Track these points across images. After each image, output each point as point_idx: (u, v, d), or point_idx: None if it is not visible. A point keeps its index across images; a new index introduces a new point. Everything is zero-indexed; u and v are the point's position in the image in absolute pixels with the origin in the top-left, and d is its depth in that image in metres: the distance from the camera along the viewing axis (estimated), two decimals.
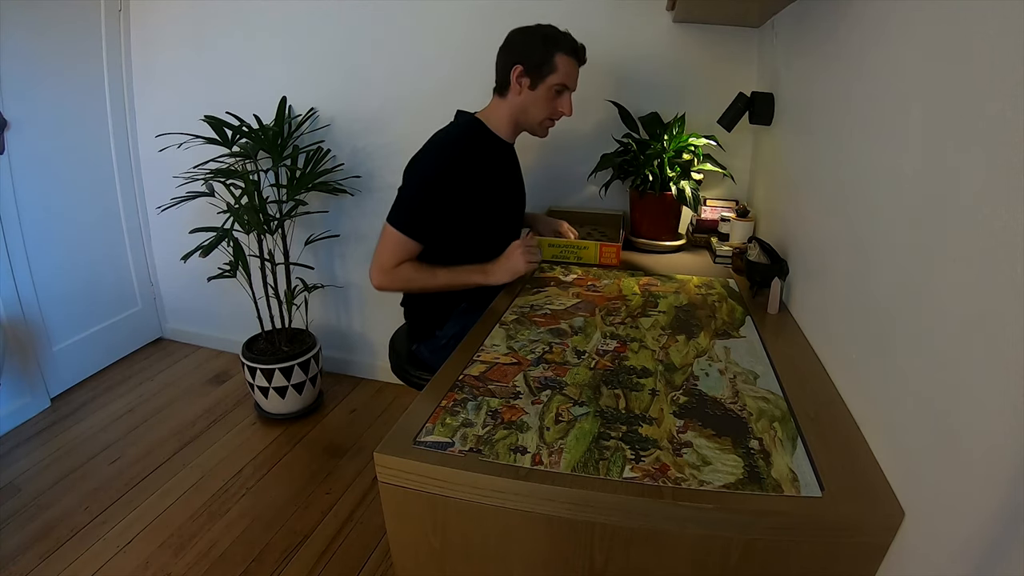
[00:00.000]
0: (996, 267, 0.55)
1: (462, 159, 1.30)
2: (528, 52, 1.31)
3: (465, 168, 1.30)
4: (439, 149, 1.31)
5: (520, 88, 1.33)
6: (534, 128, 1.40)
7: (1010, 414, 0.51)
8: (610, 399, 0.88)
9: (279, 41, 2.07)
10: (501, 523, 0.74)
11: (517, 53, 1.32)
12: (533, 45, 1.31)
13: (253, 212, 1.87)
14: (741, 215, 1.61)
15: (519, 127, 1.41)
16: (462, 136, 1.35)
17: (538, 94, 1.33)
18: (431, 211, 1.28)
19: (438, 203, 1.28)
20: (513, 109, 1.36)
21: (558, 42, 1.31)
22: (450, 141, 1.33)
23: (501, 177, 1.43)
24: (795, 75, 1.33)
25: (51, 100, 2.10)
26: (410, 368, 1.45)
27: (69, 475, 1.78)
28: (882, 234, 0.81)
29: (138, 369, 2.45)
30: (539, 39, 1.31)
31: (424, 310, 1.45)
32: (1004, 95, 0.55)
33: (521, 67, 1.31)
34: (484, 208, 1.36)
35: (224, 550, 1.52)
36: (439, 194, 1.28)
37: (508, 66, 1.33)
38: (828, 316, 1.02)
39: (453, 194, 1.28)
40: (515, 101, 1.35)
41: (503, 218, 1.47)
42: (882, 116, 0.85)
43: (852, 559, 0.68)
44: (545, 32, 1.32)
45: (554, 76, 1.31)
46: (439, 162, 1.30)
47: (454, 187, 1.28)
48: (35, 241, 2.08)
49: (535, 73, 1.31)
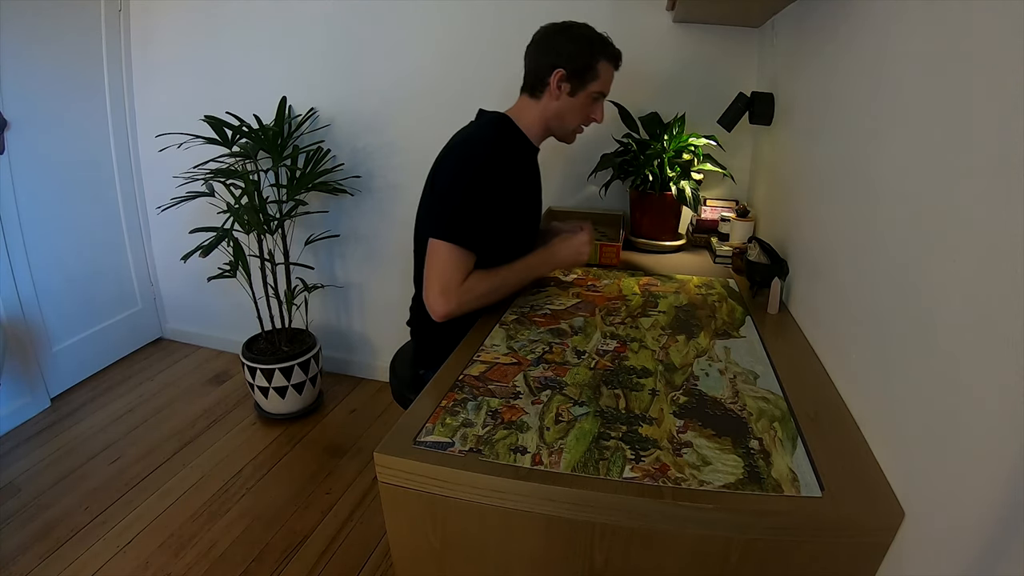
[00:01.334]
0: (996, 267, 0.55)
1: (499, 158, 1.21)
2: (572, 56, 1.22)
3: (502, 168, 1.21)
4: (475, 149, 1.22)
5: (559, 93, 1.25)
6: (565, 135, 1.33)
7: (1010, 414, 0.51)
8: (610, 399, 0.88)
9: (279, 41, 2.07)
10: (501, 523, 0.74)
11: (560, 55, 1.23)
12: (578, 49, 1.22)
13: (253, 212, 1.87)
14: (741, 215, 1.61)
15: (549, 132, 1.33)
16: (497, 136, 1.26)
17: (577, 101, 1.26)
18: (480, 216, 1.17)
19: (483, 207, 1.17)
20: (547, 113, 1.28)
21: (603, 47, 1.24)
22: (483, 139, 1.24)
23: (529, 180, 1.35)
24: (795, 75, 1.33)
25: (51, 100, 2.10)
26: (411, 394, 1.29)
27: (69, 475, 1.78)
28: (882, 234, 0.81)
29: (138, 369, 2.45)
30: (585, 43, 1.23)
31: (436, 335, 1.29)
32: (1004, 95, 0.55)
33: (563, 71, 1.22)
34: (513, 212, 1.28)
35: (224, 550, 1.52)
36: (482, 197, 1.17)
37: (547, 68, 1.24)
38: (828, 316, 1.02)
39: (492, 196, 1.19)
40: (550, 105, 1.27)
41: (527, 222, 1.38)
42: (882, 115, 0.85)
43: (852, 559, 0.68)
44: (590, 36, 1.24)
45: (596, 84, 1.25)
46: (477, 162, 1.19)
47: (493, 188, 1.19)
48: (35, 241, 2.08)
49: (577, 79, 1.23)
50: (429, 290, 1.16)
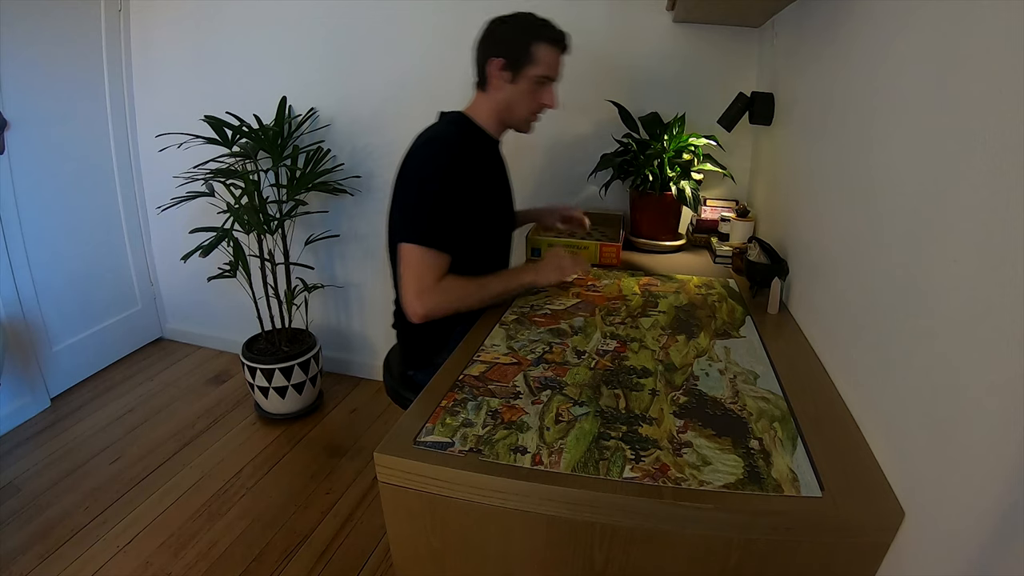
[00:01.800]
0: (996, 267, 0.55)
1: (460, 157, 1.22)
2: (506, 43, 1.22)
3: (465, 166, 1.21)
4: (434, 149, 1.22)
5: (501, 83, 1.25)
6: (518, 124, 1.32)
7: (1010, 414, 0.51)
8: (610, 399, 0.88)
9: (279, 41, 2.07)
10: (501, 523, 0.74)
11: (497, 45, 1.23)
12: (511, 35, 1.22)
13: (253, 212, 1.87)
14: (741, 215, 1.61)
15: (503, 123, 1.32)
16: (455, 134, 1.27)
17: (520, 87, 1.25)
18: (448, 216, 1.18)
19: (450, 206, 1.18)
20: (496, 104, 1.28)
21: (537, 31, 1.22)
22: (444, 139, 1.24)
23: (493, 175, 1.36)
24: (795, 75, 1.33)
25: (51, 100, 2.10)
26: (404, 391, 1.36)
27: (69, 475, 1.79)
28: (882, 234, 0.81)
29: (138, 369, 2.45)
30: (520, 29, 1.22)
31: (421, 337, 1.33)
32: (1004, 94, 0.55)
33: (501, 60, 1.22)
34: (481, 208, 1.27)
35: (224, 550, 1.52)
36: (449, 196, 1.18)
37: (486, 59, 1.25)
38: (828, 316, 1.02)
39: (457, 195, 1.19)
40: (497, 96, 1.27)
41: (497, 218, 1.39)
42: (882, 116, 0.85)
43: (852, 559, 0.68)
44: (523, 20, 1.23)
45: (535, 67, 1.22)
46: (438, 163, 1.20)
47: (459, 187, 1.19)
48: (35, 241, 2.08)
49: (515, 66, 1.23)
50: (405, 294, 1.16)
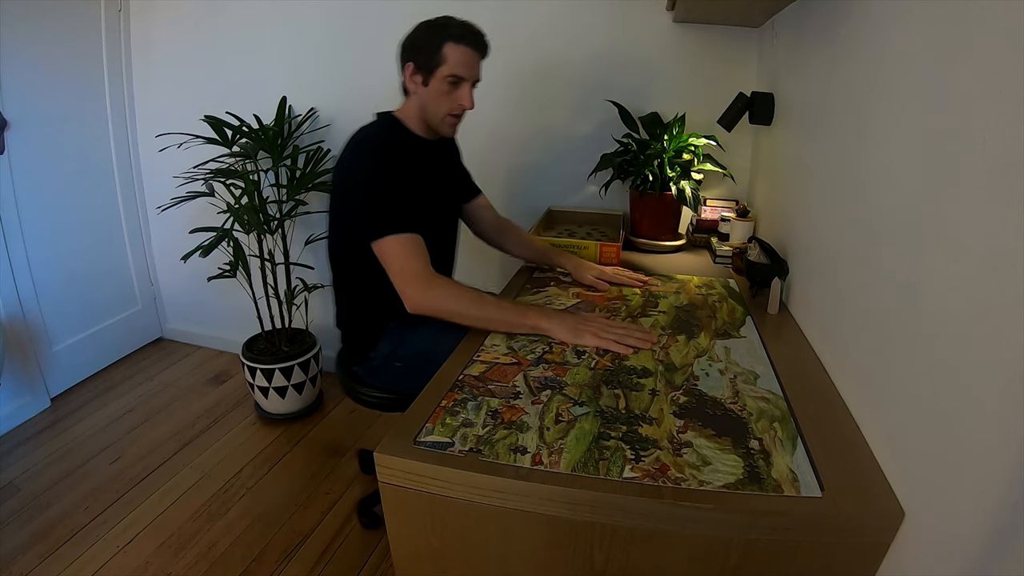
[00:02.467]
0: (996, 267, 0.55)
1: (391, 153, 1.23)
2: (417, 48, 1.22)
3: (392, 158, 1.22)
4: (372, 146, 1.23)
5: (416, 86, 1.25)
6: (438, 126, 1.29)
7: (1010, 414, 0.51)
8: (610, 399, 0.88)
9: (279, 41, 2.07)
10: (501, 523, 0.74)
11: (408, 50, 1.24)
12: (421, 39, 1.22)
13: (253, 212, 1.87)
14: (741, 215, 1.61)
15: (427, 125, 1.31)
16: (383, 134, 1.28)
17: (433, 89, 1.23)
18: (395, 200, 1.17)
19: (393, 192, 1.18)
20: (417, 108, 1.28)
21: (444, 31, 1.20)
22: (373, 138, 1.25)
23: (425, 173, 1.32)
24: (795, 75, 1.33)
25: (51, 100, 2.10)
26: (354, 385, 1.38)
27: (69, 475, 1.78)
28: (882, 234, 0.81)
29: (138, 369, 2.45)
30: (428, 32, 1.21)
31: (355, 330, 1.37)
32: (1004, 94, 0.55)
33: (412, 64, 1.23)
34: (417, 200, 1.25)
35: (224, 550, 1.52)
36: (392, 185, 1.18)
37: (402, 66, 1.26)
38: (828, 316, 1.02)
39: (395, 182, 1.19)
40: (415, 100, 1.27)
41: (429, 218, 1.29)
42: (882, 116, 0.85)
43: (852, 559, 0.68)
44: (435, 23, 1.22)
45: (444, 68, 1.21)
46: (376, 159, 1.20)
47: (393, 175, 1.19)
48: (35, 241, 2.08)
49: (425, 68, 1.22)
50: (399, 287, 1.15)
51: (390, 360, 1.32)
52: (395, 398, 1.34)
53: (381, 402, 1.36)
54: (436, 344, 1.20)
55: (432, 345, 1.22)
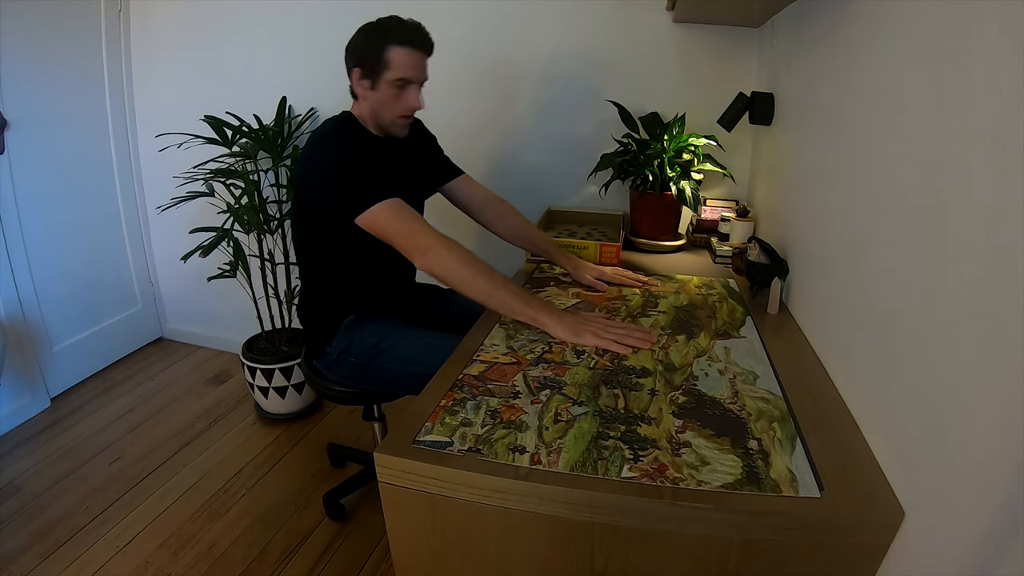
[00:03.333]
0: (996, 267, 0.55)
1: (343, 141, 1.23)
2: (361, 52, 1.21)
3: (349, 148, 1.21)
4: (329, 139, 1.22)
5: (363, 91, 1.24)
6: (390, 128, 1.29)
7: (1010, 414, 0.51)
8: (609, 399, 0.88)
9: (279, 41, 2.07)
10: (501, 523, 0.74)
11: (354, 55, 1.23)
12: (364, 44, 1.21)
13: (253, 212, 1.87)
14: (741, 215, 1.61)
15: (381, 127, 1.30)
16: (339, 130, 1.26)
17: (380, 94, 1.22)
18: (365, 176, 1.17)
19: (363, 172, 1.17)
20: (368, 111, 1.27)
21: (386, 33, 1.19)
22: (334, 132, 1.25)
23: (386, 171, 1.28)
24: (795, 75, 1.33)
25: (51, 100, 2.10)
26: (315, 378, 1.39)
27: (69, 475, 1.79)
28: (882, 234, 0.81)
29: (138, 369, 2.45)
30: (372, 36, 1.20)
31: (314, 325, 1.37)
32: (1004, 94, 0.55)
33: (359, 70, 1.22)
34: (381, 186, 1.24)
35: (224, 550, 1.52)
36: (358, 167, 1.17)
37: (349, 72, 1.25)
38: (828, 316, 1.02)
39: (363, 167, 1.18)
40: (365, 104, 1.27)
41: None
42: (882, 116, 0.85)
43: (852, 559, 0.68)
44: (380, 26, 1.20)
45: (389, 72, 1.20)
46: (337, 144, 1.21)
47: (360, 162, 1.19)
48: (35, 241, 2.08)
49: (372, 73, 1.21)
50: (409, 251, 1.13)
51: (345, 355, 1.33)
52: (356, 392, 1.36)
53: (342, 396, 1.38)
54: (386, 340, 1.26)
55: (382, 341, 1.27)
